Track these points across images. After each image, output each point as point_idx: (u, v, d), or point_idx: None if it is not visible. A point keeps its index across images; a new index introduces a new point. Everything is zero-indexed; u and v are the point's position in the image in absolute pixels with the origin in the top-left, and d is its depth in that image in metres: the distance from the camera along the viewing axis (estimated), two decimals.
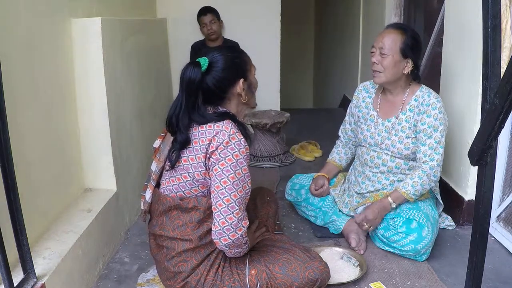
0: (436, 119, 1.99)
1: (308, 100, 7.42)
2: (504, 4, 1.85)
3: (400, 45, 1.98)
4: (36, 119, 1.68)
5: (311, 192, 2.30)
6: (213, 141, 1.47)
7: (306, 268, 1.57)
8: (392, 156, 2.09)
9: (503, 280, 1.81)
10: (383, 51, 1.99)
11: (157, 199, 1.61)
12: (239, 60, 1.58)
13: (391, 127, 2.09)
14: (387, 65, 1.99)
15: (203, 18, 3.53)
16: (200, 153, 1.50)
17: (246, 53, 1.64)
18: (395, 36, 1.98)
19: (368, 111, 2.19)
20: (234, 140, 1.47)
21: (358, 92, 2.27)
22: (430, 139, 1.99)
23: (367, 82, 2.27)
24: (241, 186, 1.47)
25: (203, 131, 1.50)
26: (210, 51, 1.58)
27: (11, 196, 1.32)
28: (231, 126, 1.49)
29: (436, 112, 1.99)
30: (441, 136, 1.99)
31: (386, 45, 1.98)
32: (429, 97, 2.02)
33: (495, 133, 1.02)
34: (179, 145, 1.52)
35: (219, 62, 1.53)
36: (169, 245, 1.58)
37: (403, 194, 2.00)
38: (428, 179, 1.98)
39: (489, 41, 1.07)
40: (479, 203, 1.16)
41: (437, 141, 1.98)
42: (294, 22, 6.52)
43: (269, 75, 3.80)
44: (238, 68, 1.56)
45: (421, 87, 2.07)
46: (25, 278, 1.39)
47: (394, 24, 2.11)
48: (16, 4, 1.56)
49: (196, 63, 1.51)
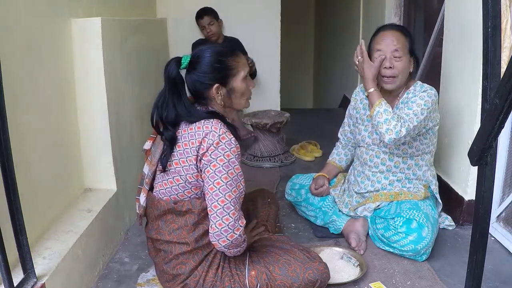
0: (422, 99, 1.92)
1: (308, 100, 7.42)
2: (504, 4, 1.85)
3: (408, 45, 1.97)
4: (36, 119, 1.68)
5: (311, 191, 2.30)
6: (203, 143, 1.47)
7: (306, 269, 1.57)
8: (390, 154, 2.09)
9: (503, 280, 1.81)
10: (397, 54, 1.94)
11: (151, 203, 1.61)
12: (220, 65, 1.52)
13: None
14: (402, 68, 1.95)
15: (201, 22, 3.52)
16: (191, 156, 1.49)
17: (238, 55, 1.58)
18: (402, 37, 1.96)
19: (366, 112, 2.18)
20: (224, 140, 1.47)
21: (356, 93, 2.26)
22: (410, 110, 1.91)
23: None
24: (235, 185, 1.47)
25: (192, 132, 1.50)
26: (199, 48, 1.57)
27: (11, 196, 1.32)
28: (220, 126, 1.48)
29: (424, 94, 1.93)
30: (420, 113, 1.90)
31: (400, 47, 1.94)
32: (422, 88, 2.01)
33: (495, 133, 1.02)
34: (168, 143, 1.52)
35: (199, 64, 1.52)
36: (166, 249, 1.58)
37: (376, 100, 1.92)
38: (394, 123, 1.86)
39: (489, 41, 1.07)
40: (479, 203, 1.16)
41: (415, 113, 1.89)
42: (294, 22, 6.53)
43: (269, 75, 3.80)
44: (214, 74, 1.52)
45: (415, 83, 2.07)
46: (25, 278, 1.39)
47: (391, 25, 2.08)
48: (16, 4, 1.56)
49: (177, 60, 1.51)
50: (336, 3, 5.63)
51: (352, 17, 4.77)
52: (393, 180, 2.12)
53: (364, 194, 2.17)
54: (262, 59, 3.61)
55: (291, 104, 5.39)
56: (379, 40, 1.99)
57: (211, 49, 1.54)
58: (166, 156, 1.53)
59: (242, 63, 1.58)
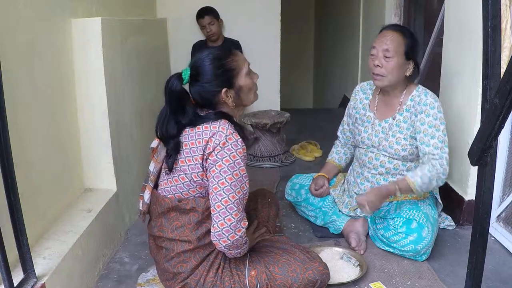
0: (436, 118, 1.95)
1: (308, 100, 7.42)
2: (504, 4, 1.85)
3: (404, 48, 1.95)
4: (36, 119, 1.68)
5: (311, 192, 2.30)
6: (210, 142, 1.47)
7: (306, 269, 1.57)
8: (390, 157, 2.08)
9: (503, 280, 1.81)
10: (388, 54, 1.94)
11: (155, 200, 1.61)
12: (222, 69, 1.52)
13: (388, 128, 2.08)
14: (391, 69, 1.95)
15: (201, 21, 3.52)
16: (197, 155, 1.49)
17: (234, 53, 1.58)
18: (399, 38, 1.95)
19: (365, 112, 2.18)
20: (231, 141, 1.47)
21: (355, 93, 2.26)
22: (434, 139, 1.94)
23: (364, 83, 2.25)
24: (239, 187, 1.47)
25: (199, 132, 1.50)
26: (194, 58, 1.57)
27: (11, 196, 1.32)
28: (227, 127, 1.49)
29: (435, 111, 1.96)
30: (444, 135, 1.95)
31: (391, 48, 1.94)
32: (426, 97, 1.99)
33: (495, 133, 1.02)
34: (173, 151, 1.53)
35: (200, 75, 1.52)
36: (168, 246, 1.58)
37: (410, 183, 1.92)
38: (437, 174, 1.91)
39: (489, 41, 1.07)
40: (479, 203, 1.16)
41: (441, 141, 1.94)
42: (294, 22, 6.52)
43: (269, 75, 3.79)
44: (220, 79, 1.52)
45: (417, 87, 2.05)
46: (25, 278, 1.39)
47: (393, 26, 2.07)
48: (16, 5, 1.56)
49: (178, 75, 1.52)
50: (336, 3, 5.63)
51: (352, 17, 4.77)
52: (392, 182, 2.11)
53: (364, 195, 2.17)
54: (262, 59, 3.60)
55: (291, 104, 5.38)
56: (378, 38, 2.01)
57: (209, 56, 1.53)
58: (172, 159, 1.54)
59: (241, 60, 1.58)
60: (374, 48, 2.00)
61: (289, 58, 5.79)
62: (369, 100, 2.19)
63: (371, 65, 2.01)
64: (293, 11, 6.44)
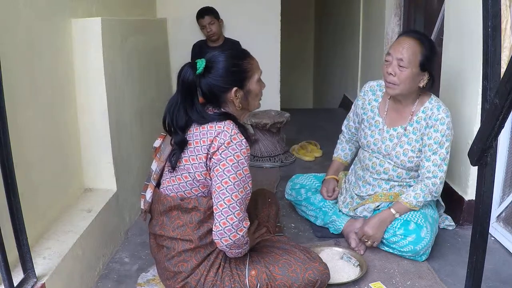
0: (443, 135, 1.94)
1: (308, 100, 7.42)
2: (504, 4, 1.85)
3: (420, 58, 1.88)
4: (36, 119, 1.68)
5: (323, 196, 2.28)
6: (214, 142, 1.47)
7: (306, 269, 1.57)
8: (394, 166, 2.06)
9: (503, 280, 1.81)
10: (402, 64, 1.88)
11: (157, 199, 1.61)
12: (237, 68, 1.54)
13: (396, 137, 2.05)
14: (404, 79, 1.90)
15: (201, 21, 3.52)
16: (201, 154, 1.50)
17: (251, 57, 1.60)
18: (415, 48, 1.87)
19: (374, 115, 2.13)
20: (236, 141, 1.47)
21: (365, 93, 2.19)
22: (435, 156, 1.94)
23: (374, 83, 2.18)
24: (242, 186, 1.47)
25: (204, 131, 1.50)
26: (212, 53, 1.56)
27: (11, 196, 1.32)
28: (232, 127, 1.49)
29: (444, 127, 1.94)
30: (446, 153, 1.95)
31: (406, 58, 1.87)
32: (438, 111, 1.95)
33: (495, 133, 1.02)
34: (177, 146, 1.53)
35: (214, 68, 1.52)
36: (169, 245, 1.58)
37: (405, 204, 1.97)
38: (430, 194, 1.96)
39: (489, 41, 1.07)
40: (479, 203, 1.16)
41: (442, 158, 1.94)
42: (294, 22, 6.52)
43: (269, 75, 3.76)
44: (233, 78, 1.53)
45: (430, 99, 2.01)
46: (25, 278, 1.39)
47: (412, 33, 1.96)
48: (16, 4, 1.56)
49: (192, 65, 1.51)
50: (336, 3, 5.63)
51: (352, 17, 4.77)
52: (394, 185, 2.10)
53: (364, 196, 2.16)
54: (262, 59, 3.56)
55: (291, 104, 5.38)
56: (394, 44, 1.95)
57: (226, 53, 1.55)
58: (176, 156, 1.54)
59: (256, 65, 1.60)
60: (389, 55, 1.93)
61: (289, 58, 5.79)
62: (378, 103, 2.14)
63: (384, 72, 1.95)
64: (293, 11, 6.44)
